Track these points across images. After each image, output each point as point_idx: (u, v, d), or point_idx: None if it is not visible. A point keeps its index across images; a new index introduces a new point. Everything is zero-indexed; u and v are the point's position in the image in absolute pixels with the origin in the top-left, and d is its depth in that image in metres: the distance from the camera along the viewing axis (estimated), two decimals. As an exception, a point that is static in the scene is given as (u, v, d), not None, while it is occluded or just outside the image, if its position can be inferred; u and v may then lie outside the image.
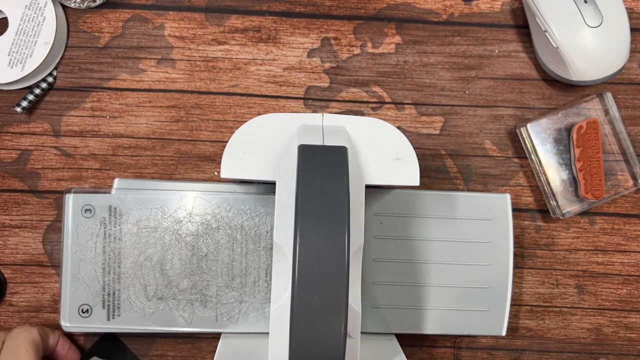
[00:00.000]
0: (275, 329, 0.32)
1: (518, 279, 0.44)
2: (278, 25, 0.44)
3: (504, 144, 0.44)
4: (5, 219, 0.43)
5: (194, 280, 0.39)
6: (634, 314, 0.44)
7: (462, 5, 0.44)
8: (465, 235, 0.40)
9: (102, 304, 0.38)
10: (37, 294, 0.43)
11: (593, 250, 0.44)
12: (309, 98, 0.44)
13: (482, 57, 0.44)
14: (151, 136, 0.43)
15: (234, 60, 0.44)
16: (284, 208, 0.33)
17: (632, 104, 0.44)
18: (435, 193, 0.40)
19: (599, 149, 0.42)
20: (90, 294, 0.38)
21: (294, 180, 0.31)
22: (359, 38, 0.44)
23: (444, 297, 0.40)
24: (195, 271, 0.39)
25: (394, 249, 0.40)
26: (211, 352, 0.43)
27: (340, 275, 0.28)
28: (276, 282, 0.33)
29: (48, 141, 0.43)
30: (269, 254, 0.39)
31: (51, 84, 0.43)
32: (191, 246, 0.39)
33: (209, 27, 0.44)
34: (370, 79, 0.44)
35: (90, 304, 0.38)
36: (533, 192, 0.44)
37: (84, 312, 0.38)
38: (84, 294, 0.38)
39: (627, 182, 0.43)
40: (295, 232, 0.29)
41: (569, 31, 0.40)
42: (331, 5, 0.44)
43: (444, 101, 0.44)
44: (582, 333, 0.44)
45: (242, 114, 0.44)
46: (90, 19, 0.43)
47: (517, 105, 0.44)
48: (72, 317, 0.38)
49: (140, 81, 0.43)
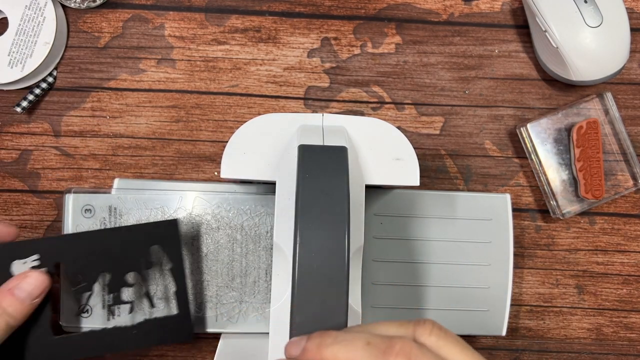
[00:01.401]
0: (275, 329, 0.32)
1: (518, 279, 0.44)
2: (278, 25, 0.44)
3: (504, 144, 0.44)
4: (5, 219, 0.43)
5: (193, 280, 0.39)
6: (634, 314, 0.44)
7: (462, 5, 0.44)
8: (465, 235, 0.40)
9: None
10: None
11: (593, 250, 0.44)
12: (309, 98, 0.44)
13: (482, 57, 0.44)
14: (151, 136, 0.43)
15: (234, 60, 0.44)
16: (284, 208, 0.33)
17: (632, 104, 0.44)
18: (435, 193, 0.40)
19: (599, 149, 0.42)
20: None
21: (294, 180, 0.31)
22: (359, 38, 0.44)
23: (444, 297, 0.40)
24: (195, 271, 0.39)
25: (394, 249, 0.40)
26: (211, 352, 0.43)
27: (340, 275, 0.28)
28: (276, 282, 0.33)
29: (48, 141, 0.43)
30: (269, 254, 0.39)
31: (51, 84, 0.43)
32: (191, 246, 0.39)
33: (209, 27, 0.44)
34: (370, 79, 0.44)
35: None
36: (533, 192, 0.44)
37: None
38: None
39: (627, 182, 0.43)
40: (295, 232, 0.29)
41: (569, 31, 0.40)
42: (331, 5, 0.44)
43: (444, 101, 0.44)
44: (582, 333, 0.44)
45: (242, 114, 0.44)
46: (90, 19, 0.43)
47: (517, 105, 0.44)
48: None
49: (140, 81, 0.43)
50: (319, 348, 0.27)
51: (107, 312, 0.38)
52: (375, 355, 0.25)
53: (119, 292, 0.37)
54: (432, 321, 0.27)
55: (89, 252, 0.36)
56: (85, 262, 0.36)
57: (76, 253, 0.36)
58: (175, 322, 0.37)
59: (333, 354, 0.26)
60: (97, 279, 0.36)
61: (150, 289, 0.38)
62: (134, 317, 0.37)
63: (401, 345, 0.25)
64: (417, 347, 0.26)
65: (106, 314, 0.38)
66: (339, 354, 0.26)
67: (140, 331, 0.37)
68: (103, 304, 0.38)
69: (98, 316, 0.38)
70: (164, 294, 0.38)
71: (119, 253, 0.36)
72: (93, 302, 0.38)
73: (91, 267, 0.36)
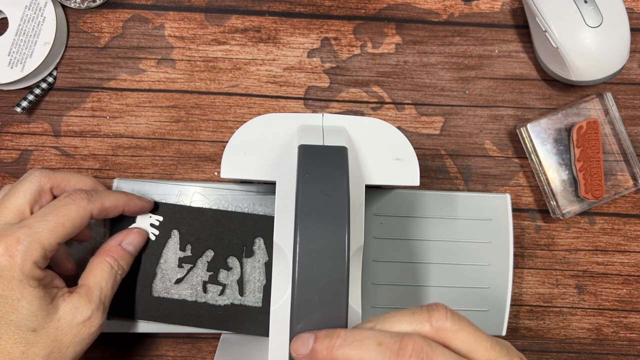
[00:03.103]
0: (275, 329, 0.32)
1: (518, 279, 0.44)
2: (278, 25, 0.44)
3: (504, 144, 0.44)
4: (5, 219, 0.43)
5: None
6: (634, 314, 0.44)
7: (462, 6, 0.44)
8: (465, 236, 0.40)
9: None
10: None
11: (593, 250, 0.44)
12: (309, 98, 0.44)
13: (482, 57, 0.44)
14: (151, 136, 0.43)
15: (234, 61, 0.44)
16: (284, 208, 0.33)
17: (632, 104, 0.44)
18: (435, 193, 0.40)
19: (599, 149, 0.42)
20: None
21: (294, 180, 0.31)
22: (359, 38, 0.44)
23: (444, 297, 0.40)
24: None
25: (394, 249, 0.40)
26: (211, 352, 0.43)
27: (340, 275, 0.28)
28: (276, 282, 0.33)
29: (48, 141, 0.43)
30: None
31: (51, 84, 0.43)
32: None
33: (209, 27, 0.44)
34: (370, 79, 0.44)
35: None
36: (533, 192, 0.44)
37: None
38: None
39: (627, 182, 0.43)
40: (295, 232, 0.29)
41: (569, 31, 0.40)
42: (331, 5, 0.44)
43: (444, 101, 0.44)
44: (582, 333, 0.44)
45: (242, 114, 0.44)
46: (90, 19, 0.43)
47: (517, 105, 0.44)
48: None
49: (140, 81, 0.43)
50: (330, 350, 0.26)
51: (202, 288, 0.39)
52: (388, 357, 0.25)
53: (217, 272, 0.39)
54: (443, 305, 0.27)
55: (203, 227, 0.38)
56: (197, 235, 0.38)
57: (193, 225, 0.38)
58: (258, 314, 0.39)
59: (344, 356, 0.26)
60: (203, 254, 0.38)
61: (244, 278, 0.39)
62: (222, 300, 0.39)
63: (413, 345, 0.25)
64: (428, 345, 0.26)
65: (200, 289, 0.39)
66: (351, 355, 0.26)
67: (225, 314, 0.38)
68: (199, 279, 0.39)
69: (192, 289, 0.39)
70: (254, 285, 0.39)
71: (227, 235, 0.39)
72: (191, 275, 0.39)
73: (201, 242, 0.38)
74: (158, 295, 0.38)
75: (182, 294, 0.38)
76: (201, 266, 0.39)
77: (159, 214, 0.38)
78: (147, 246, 0.38)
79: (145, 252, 0.38)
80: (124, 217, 0.38)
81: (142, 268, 0.38)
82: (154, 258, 0.38)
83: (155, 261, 0.38)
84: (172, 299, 0.38)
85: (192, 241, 0.38)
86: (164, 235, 0.38)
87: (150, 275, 0.38)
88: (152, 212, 0.38)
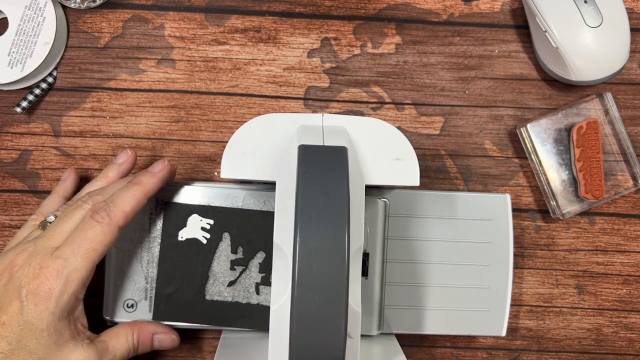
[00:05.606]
0: (275, 329, 0.32)
1: (518, 279, 0.44)
2: (278, 26, 0.44)
3: (504, 144, 0.44)
4: (5, 219, 0.43)
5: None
6: (634, 314, 0.44)
7: (462, 6, 0.44)
8: (465, 236, 0.40)
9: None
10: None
11: (593, 250, 0.44)
12: (309, 98, 0.44)
13: (482, 57, 0.44)
14: (151, 136, 0.43)
15: (234, 61, 0.44)
16: (284, 208, 0.33)
17: (632, 104, 0.44)
18: (435, 193, 0.40)
19: (599, 149, 0.42)
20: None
21: (294, 181, 0.31)
22: (359, 38, 0.44)
23: (444, 297, 0.40)
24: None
25: (393, 249, 0.40)
26: (211, 352, 0.43)
27: (340, 275, 0.28)
28: (276, 282, 0.33)
29: (48, 141, 0.43)
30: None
31: (51, 84, 0.43)
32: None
33: (209, 27, 0.44)
34: (370, 79, 0.44)
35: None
36: (533, 192, 0.44)
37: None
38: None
39: (627, 182, 0.43)
40: (295, 232, 0.29)
41: (569, 31, 0.40)
42: (331, 5, 0.44)
43: (444, 101, 0.44)
44: (582, 333, 0.44)
45: (242, 114, 0.44)
46: (90, 19, 0.43)
47: (517, 105, 0.44)
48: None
49: (140, 81, 0.43)
50: None
51: (254, 290, 0.39)
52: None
53: (269, 273, 0.38)
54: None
55: (254, 229, 0.38)
56: (249, 237, 0.38)
57: (243, 227, 0.38)
58: None
59: None
60: (254, 256, 0.38)
61: None
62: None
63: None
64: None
65: (253, 290, 0.39)
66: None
67: None
68: (252, 281, 0.39)
69: (245, 291, 0.39)
70: None
71: None
72: (244, 277, 0.39)
73: (252, 244, 0.38)
74: (211, 299, 0.38)
75: (235, 297, 0.38)
76: (253, 268, 0.38)
77: (209, 218, 0.38)
78: (199, 250, 0.38)
79: (197, 256, 0.38)
80: (178, 212, 0.38)
81: (195, 272, 0.38)
82: (206, 261, 0.38)
83: (207, 264, 0.38)
84: (225, 302, 0.38)
85: (244, 243, 0.38)
86: (215, 238, 0.38)
87: (203, 278, 0.38)
88: (202, 215, 0.38)
